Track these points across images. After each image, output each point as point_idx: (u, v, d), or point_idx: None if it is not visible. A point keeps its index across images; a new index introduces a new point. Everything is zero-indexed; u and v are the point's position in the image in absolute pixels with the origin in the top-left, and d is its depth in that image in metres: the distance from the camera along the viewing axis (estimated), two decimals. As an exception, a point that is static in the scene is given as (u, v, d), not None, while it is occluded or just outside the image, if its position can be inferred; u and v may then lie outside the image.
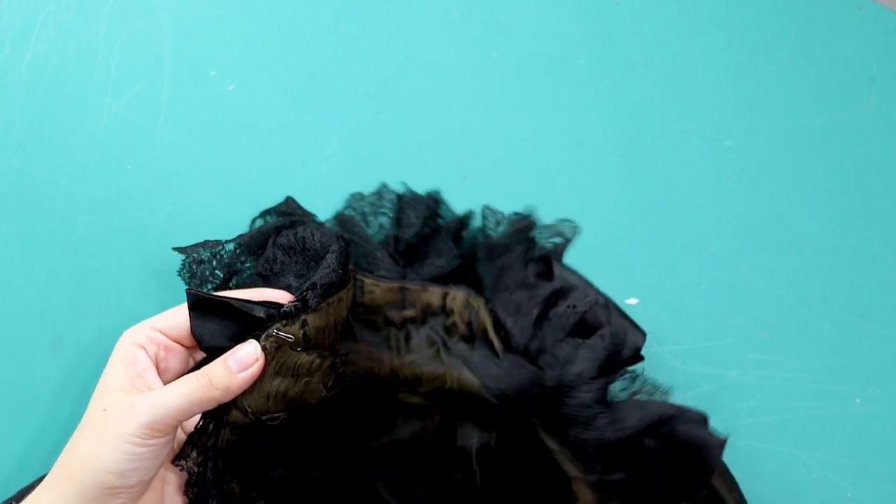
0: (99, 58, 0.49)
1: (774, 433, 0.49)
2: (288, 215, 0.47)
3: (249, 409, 0.37)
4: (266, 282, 0.43)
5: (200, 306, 0.37)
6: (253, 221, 0.48)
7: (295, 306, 0.37)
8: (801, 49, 0.55)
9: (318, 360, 0.39)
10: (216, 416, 0.37)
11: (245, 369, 0.36)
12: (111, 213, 0.48)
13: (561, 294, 0.42)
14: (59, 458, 0.35)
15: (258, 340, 0.36)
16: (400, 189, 0.49)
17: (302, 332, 0.37)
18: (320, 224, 0.48)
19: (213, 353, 0.37)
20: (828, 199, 0.53)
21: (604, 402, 0.39)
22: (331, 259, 0.39)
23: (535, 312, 0.42)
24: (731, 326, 0.50)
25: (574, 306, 0.41)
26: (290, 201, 0.48)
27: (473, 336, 0.44)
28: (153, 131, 0.49)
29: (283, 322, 0.37)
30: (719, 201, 0.52)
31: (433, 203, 0.48)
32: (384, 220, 0.49)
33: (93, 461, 0.33)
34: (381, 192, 0.49)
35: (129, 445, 0.33)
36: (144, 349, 0.37)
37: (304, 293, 0.38)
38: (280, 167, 0.49)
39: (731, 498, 0.42)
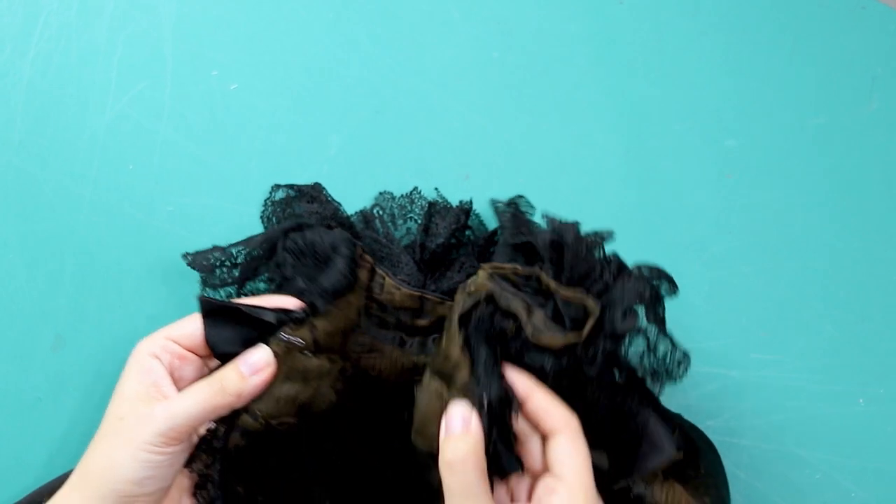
0: (101, 57, 0.49)
1: (777, 433, 0.49)
2: (310, 198, 0.47)
3: (259, 414, 0.37)
4: (278, 287, 0.43)
5: (213, 314, 0.38)
6: (272, 192, 0.48)
7: (304, 311, 0.37)
8: (803, 48, 0.55)
9: (327, 365, 0.39)
10: (226, 420, 0.37)
11: (257, 373, 0.36)
12: (113, 213, 0.48)
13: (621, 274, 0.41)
14: (77, 466, 0.35)
15: (268, 345, 0.37)
16: (432, 195, 0.50)
17: (311, 335, 0.37)
18: (345, 220, 0.48)
19: (226, 359, 0.37)
20: (829, 199, 0.53)
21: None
22: (340, 263, 0.40)
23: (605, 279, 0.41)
24: (733, 326, 0.50)
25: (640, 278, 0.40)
26: (317, 187, 0.48)
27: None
28: (155, 131, 0.49)
29: (293, 326, 0.37)
30: (721, 201, 0.52)
31: (463, 215, 0.48)
32: (412, 224, 0.49)
33: (110, 470, 0.33)
34: (412, 197, 0.49)
35: (145, 454, 0.33)
36: (159, 359, 0.37)
37: (313, 298, 0.38)
38: (282, 167, 0.49)
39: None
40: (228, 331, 0.37)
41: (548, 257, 0.42)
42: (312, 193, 0.48)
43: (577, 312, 0.40)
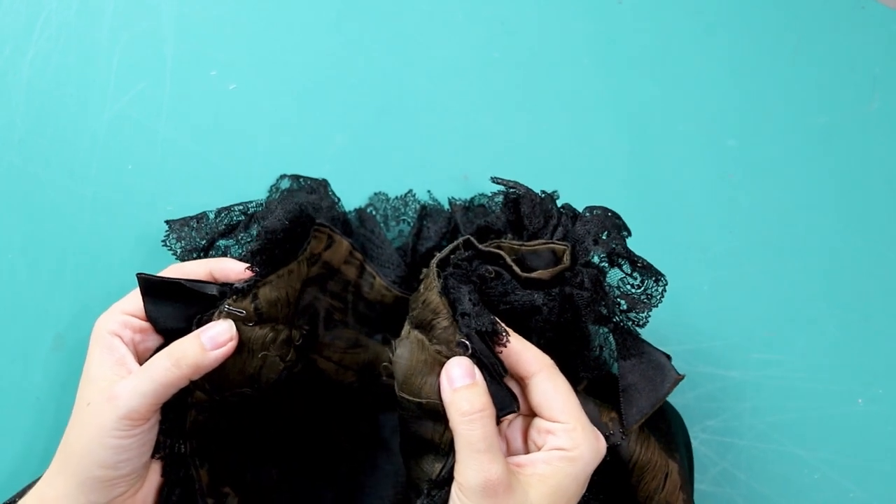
0: (101, 57, 0.49)
1: (777, 433, 0.49)
2: (310, 189, 0.47)
3: (209, 387, 0.37)
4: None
5: (153, 290, 0.37)
6: (278, 181, 0.48)
7: (246, 283, 0.37)
8: (805, 49, 0.55)
9: (271, 334, 0.39)
10: (182, 394, 0.37)
11: (218, 348, 0.36)
12: (113, 213, 0.48)
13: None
14: (56, 454, 0.35)
15: (212, 318, 0.37)
16: (425, 197, 0.50)
17: (253, 305, 0.37)
18: (341, 216, 0.48)
19: (168, 335, 0.37)
20: (831, 198, 0.53)
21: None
22: (279, 210, 0.40)
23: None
24: (734, 326, 0.50)
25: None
26: (323, 182, 0.48)
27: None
28: (155, 131, 0.49)
29: (234, 297, 0.37)
30: (722, 201, 0.52)
31: (454, 219, 0.48)
32: (405, 227, 0.49)
33: (85, 457, 0.34)
34: (406, 199, 0.49)
35: (112, 440, 0.34)
36: (119, 336, 0.37)
37: (251, 248, 0.38)
38: (283, 166, 0.49)
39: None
40: (170, 307, 0.37)
41: (505, 220, 0.42)
42: (313, 185, 0.48)
43: (546, 260, 0.40)
